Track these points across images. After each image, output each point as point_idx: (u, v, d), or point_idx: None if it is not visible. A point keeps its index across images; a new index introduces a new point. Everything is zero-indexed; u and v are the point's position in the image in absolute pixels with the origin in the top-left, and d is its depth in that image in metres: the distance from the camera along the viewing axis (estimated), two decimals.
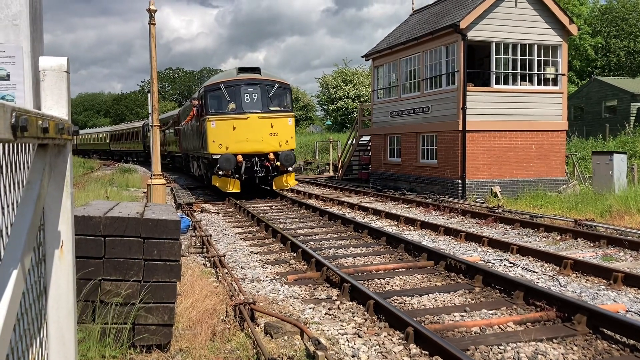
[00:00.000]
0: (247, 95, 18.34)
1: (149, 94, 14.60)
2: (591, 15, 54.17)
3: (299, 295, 7.40)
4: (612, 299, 6.97)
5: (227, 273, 8.10)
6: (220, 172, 17.96)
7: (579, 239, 10.98)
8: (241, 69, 19.32)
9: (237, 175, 18.29)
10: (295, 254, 9.78)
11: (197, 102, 20.54)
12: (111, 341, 4.63)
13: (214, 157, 18.12)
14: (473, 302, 6.96)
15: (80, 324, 4.54)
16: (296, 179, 21.44)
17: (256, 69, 19.51)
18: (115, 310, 4.67)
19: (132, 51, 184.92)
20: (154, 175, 13.83)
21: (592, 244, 10.51)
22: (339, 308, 6.76)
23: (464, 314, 6.46)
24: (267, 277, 8.39)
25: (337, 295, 7.26)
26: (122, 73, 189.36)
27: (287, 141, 18.69)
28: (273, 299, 7.13)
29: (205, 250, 10.04)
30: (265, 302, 6.97)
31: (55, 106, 2.21)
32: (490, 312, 6.52)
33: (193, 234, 11.32)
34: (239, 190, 18.40)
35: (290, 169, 18.71)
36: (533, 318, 6.14)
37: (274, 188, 19.42)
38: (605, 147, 26.19)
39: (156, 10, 13.21)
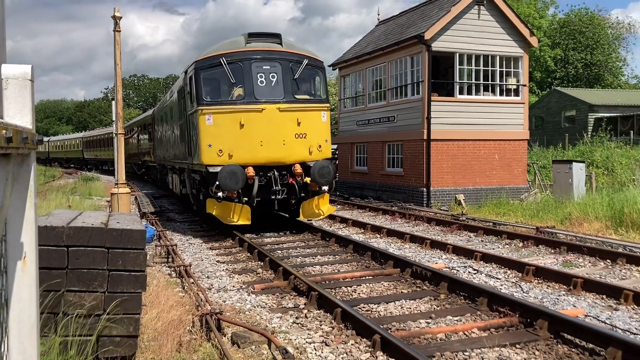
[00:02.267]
0: (261, 76, 12.23)
1: (113, 102, 14.38)
2: (550, 27, 55.69)
3: (266, 304, 7.37)
4: (572, 304, 7.16)
5: (193, 283, 8.02)
6: (221, 194, 11.66)
7: (540, 245, 11.24)
8: (252, 35, 12.73)
9: (247, 199, 12.08)
10: (262, 263, 9.74)
11: (182, 86, 14.64)
12: (74, 354, 4.53)
13: (211, 170, 11.92)
14: (438, 308, 7.06)
15: (43, 337, 4.43)
16: None
17: (275, 36, 12.95)
18: (79, 322, 4.57)
19: (96, 58, 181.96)
20: (118, 183, 13.60)
21: (553, 251, 10.77)
22: (306, 317, 6.76)
23: (429, 320, 6.53)
24: (234, 286, 8.33)
25: (305, 304, 7.26)
26: (86, 80, 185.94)
27: (320, 146, 12.64)
28: (240, 309, 7.09)
29: (170, 259, 9.92)
30: (232, 311, 6.93)
31: (19, 115, 2.18)
32: (455, 318, 6.61)
33: (158, 244, 11.16)
34: (248, 222, 12.09)
35: (325, 188, 12.42)
36: (497, 324, 6.25)
37: (302, 217, 13.11)
38: (565, 156, 26.90)
39: (121, 18, 13.06)
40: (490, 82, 20.08)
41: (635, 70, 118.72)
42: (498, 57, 20.01)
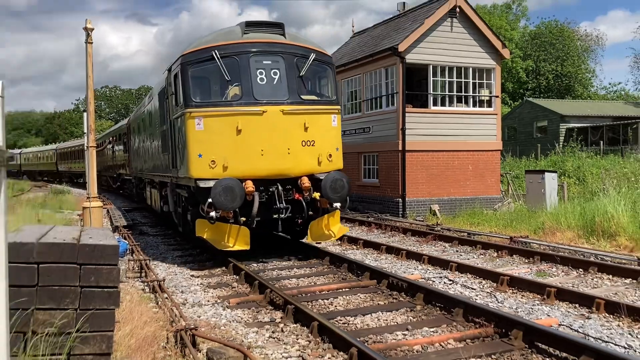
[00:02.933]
0: (261, 72, 10.52)
1: (85, 113, 14.19)
2: (522, 39, 56.81)
3: (241, 318, 7.30)
4: (546, 313, 7.24)
5: (167, 298, 7.90)
6: (214, 214, 9.95)
7: (514, 255, 11.37)
8: (251, 25, 10.97)
9: (244, 219, 10.38)
10: (237, 277, 9.66)
11: (164, 87, 12.69)
12: None
13: (201, 184, 10.11)
14: (415, 320, 7.07)
15: (12, 357, 4.31)
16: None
17: (277, 26, 11.20)
18: (49, 341, 4.46)
19: (67, 69, 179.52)
20: (90, 197, 13.39)
21: (526, 260, 10.89)
22: (282, 331, 6.71)
23: (406, 332, 6.54)
24: (208, 301, 8.24)
25: (281, 318, 7.21)
26: (56, 91, 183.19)
27: (330, 155, 11.02)
28: (215, 324, 7.01)
29: (144, 274, 9.77)
30: (207, 327, 6.84)
31: None
32: (432, 329, 6.63)
33: (131, 258, 11.00)
34: (247, 247, 10.31)
35: (337, 205, 10.80)
36: (472, 335, 6.29)
37: (310, 239, 11.38)
38: (538, 166, 27.34)
39: (93, 29, 12.92)
40: (463, 93, 20.34)
41: (604, 81, 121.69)
42: (471, 69, 20.30)
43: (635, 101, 51.53)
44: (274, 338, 6.45)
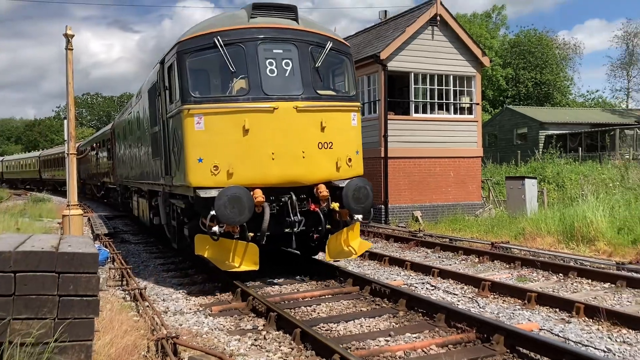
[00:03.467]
0: (271, 63, 9.12)
1: (65, 121, 14.04)
2: (502, 48, 57.50)
3: (224, 326, 7.25)
4: (527, 318, 7.29)
5: (148, 306, 7.82)
6: (217, 228, 8.52)
7: (495, 261, 11.45)
8: (258, 8, 9.53)
9: (252, 234, 8.94)
10: (219, 284, 9.59)
11: (156, 83, 11.17)
12: None
13: (202, 194, 8.70)
14: (397, 326, 7.08)
15: None
16: None
17: (289, 9, 9.75)
18: (27, 352, 4.39)
19: (47, 76, 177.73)
20: (70, 205, 13.24)
21: (507, 266, 10.98)
22: (265, 338, 6.67)
23: (389, 338, 6.54)
24: (190, 309, 8.17)
25: (264, 325, 7.18)
26: (36, 98, 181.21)
27: (349, 159, 9.66)
28: (197, 332, 6.95)
29: (125, 283, 9.67)
30: (189, 335, 6.78)
31: None
32: (414, 335, 6.64)
33: (112, 266, 10.88)
34: (256, 267, 8.90)
35: (359, 217, 9.59)
36: (454, 340, 6.31)
37: (328, 257, 9.65)
38: (518, 173, 27.63)
39: (73, 35, 12.81)
40: (444, 100, 20.51)
41: (582, 89, 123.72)
42: (452, 77, 20.49)
43: (613, 108, 52.41)
44: (256, 346, 6.41)
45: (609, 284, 9.12)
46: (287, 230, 9.17)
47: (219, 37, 9.01)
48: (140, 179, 14.59)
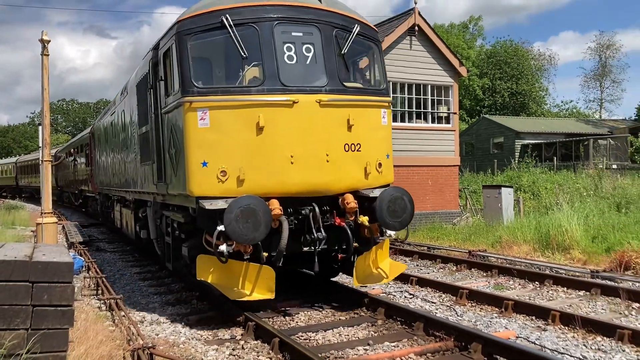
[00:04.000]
0: (289, 48, 7.75)
1: (40, 127, 13.83)
2: (478, 58, 58.28)
3: (201, 336, 7.17)
4: (504, 326, 7.35)
5: (124, 316, 7.71)
6: (224, 247, 7.12)
7: (473, 269, 11.54)
8: None
9: (267, 253, 7.54)
10: (197, 293, 9.50)
11: (146, 74, 9.70)
12: None
13: (207, 205, 7.29)
14: (376, 335, 7.08)
15: None
16: None
17: None
18: None
19: (21, 81, 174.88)
20: (44, 213, 13.01)
21: (485, 274, 11.08)
22: (243, 348, 6.62)
23: (367, 347, 6.54)
24: (167, 318, 8.07)
25: (242, 335, 7.12)
26: (9, 104, 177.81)
27: (379, 164, 8.37)
28: (174, 342, 6.87)
29: (100, 292, 9.52)
30: (165, 345, 6.69)
31: None
32: (393, 344, 6.65)
33: (87, 275, 10.71)
34: (272, 295, 7.51)
35: (391, 233, 8.60)
36: (433, 348, 6.33)
37: (356, 282, 8.14)
38: (494, 181, 27.92)
39: (49, 41, 12.65)
40: (422, 110, 20.70)
41: (557, 99, 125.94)
42: (430, 86, 20.69)
43: (586, 119, 53.40)
44: (234, 355, 6.35)
45: (583, 291, 9.25)
46: (307, 248, 7.80)
47: (227, 15, 7.56)
48: (125, 186, 13.09)
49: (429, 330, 6.89)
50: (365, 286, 9.06)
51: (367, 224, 7.91)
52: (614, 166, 31.35)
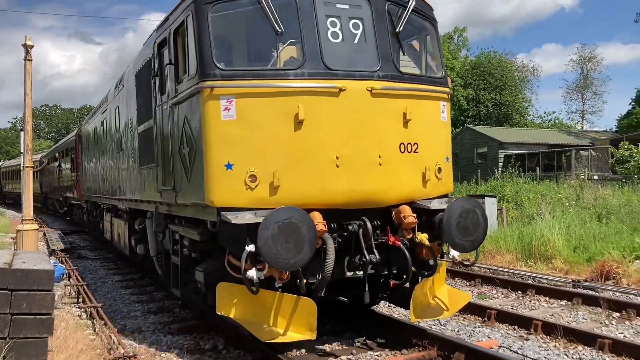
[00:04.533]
0: (334, 23, 6.35)
1: (22, 133, 13.68)
2: (463, 69, 58.83)
3: (183, 345, 7.10)
4: (487, 335, 7.38)
5: (104, 324, 7.62)
6: (255, 273, 5.63)
7: (456, 278, 11.59)
8: None
9: (306, 280, 6.06)
10: (179, 302, 9.41)
11: (150, 59, 8.17)
12: None
13: (233, 219, 5.78)
14: (360, 344, 7.06)
15: None
16: None
17: None
18: None
19: (4, 86, 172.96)
20: (24, 219, 12.85)
21: (468, 283, 11.13)
22: (225, 358, 6.56)
23: (351, 356, 6.52)
24: (149, 327, 7.99)
25: (224, 344, 7.06)
26: None
27: (439, 169, 6.96)
28: (155, 351, 6.79)
29: (81, 300, 9.40)
30: (146, 354, 6.62)
31: None
32: (376, 354, 6.64)
33: (68, 283, 10.58)
34: (312, 335, 5.98)
35: (455, 255, 6.92)
36: (416, 358, 6.33)
37: (414, 318, 6.67)
38: (478, 191, 28.09)
39: (33, 46, 12.54)
40: None
41: (540, 110, 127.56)
42: None
43: (569, 130, 54.11)
44: None
45: (565, 301, 9.32)
46: (354, 273, 6.42)
47: None
48: (118, 194, 11.48)
49: (413, 339, 6.88)
50: (421, 321, 7.15)
51: (427, 242, 6.52)
52: (595, 177, 31.72)
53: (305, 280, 5.96)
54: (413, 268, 6.51)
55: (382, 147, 6.28)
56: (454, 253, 6.85)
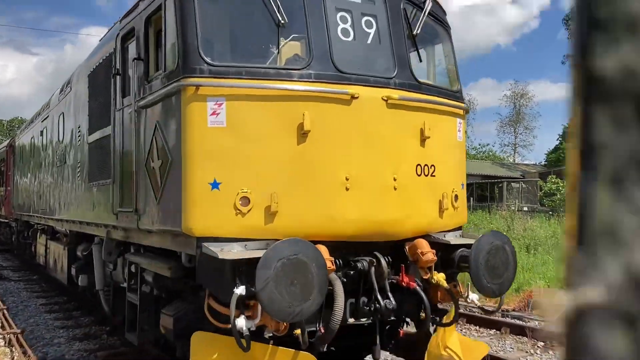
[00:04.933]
0: (344, 19, 5.31)
1: None
2: None
3: None
4: None
5: (24, 353, 7.22)
6: (243, 321, 4.33)
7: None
8: None
9: (320, 331, 4.88)
10: (107, 328, 9.06)
11: (112, 54, 6.98)
12: None
13: (220, 254, 4.49)
14: None
15: None
16: None
17: None
18: None
19: None
20: None
21: None
22: None
23: None
24: (73, 355, 7.64)
25: None
26: None
27: (455, 196, 6.00)
28: None
29: (0, 325, 8.89)
30: None
31: None
32: None
33: None
34: None
35: (475, 298, 6.32)
36: None
37: None
38: None
39: None
40: None
41: (474, 142, 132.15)
42: None
43: (501, 162, 56.30)
44: None
45: (494, 330, 9.57)
46: (365, 320, 5.29)
47: None
48: (56, 213, 10.15)
49: None
50: None
51: (445, 284, 5.60)
52: (525, 208, 33.06)
53: (321, 331, 4.89)
54: (432, 314, 5.61)
55: (397, 168, 5.32)
56: (473, 297, 6.10)
